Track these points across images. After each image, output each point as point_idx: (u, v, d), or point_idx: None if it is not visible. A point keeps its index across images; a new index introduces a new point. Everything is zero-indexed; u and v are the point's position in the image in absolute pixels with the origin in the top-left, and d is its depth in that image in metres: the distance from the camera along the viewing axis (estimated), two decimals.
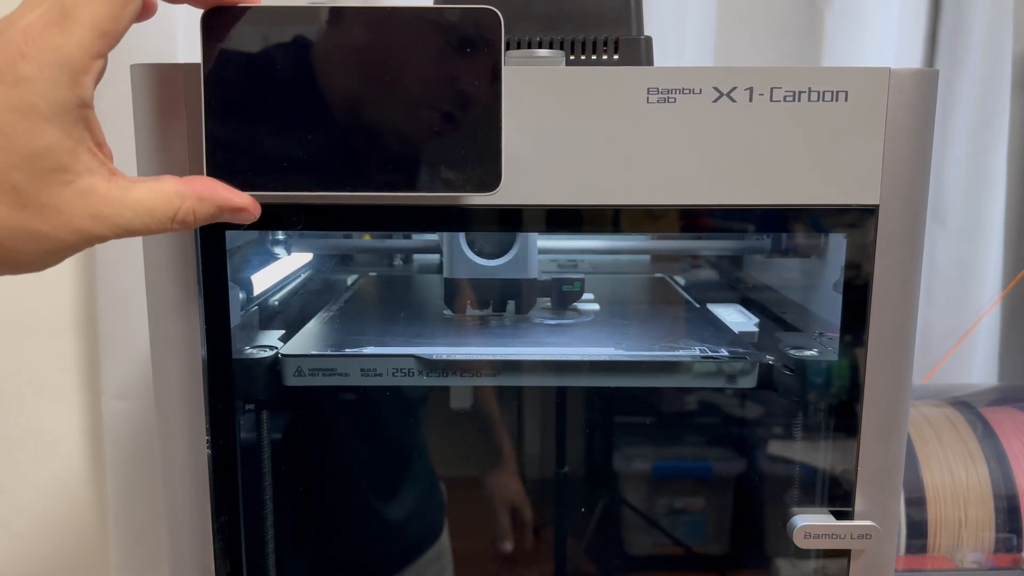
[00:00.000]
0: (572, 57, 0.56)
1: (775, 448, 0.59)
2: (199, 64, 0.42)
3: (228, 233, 0.48)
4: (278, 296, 0.68)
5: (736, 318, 0.65)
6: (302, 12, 0.42)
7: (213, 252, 0.48)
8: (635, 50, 0.56)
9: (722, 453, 0.63)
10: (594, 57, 0.56)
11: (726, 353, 0.55)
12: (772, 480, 0.59)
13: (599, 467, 0.67)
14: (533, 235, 0.60)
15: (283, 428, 0.59)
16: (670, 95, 0.47)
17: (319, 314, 0.66)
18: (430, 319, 0.65)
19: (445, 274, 0.62)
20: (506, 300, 0.62)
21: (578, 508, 0.67)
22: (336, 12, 0.42)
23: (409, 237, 0.75)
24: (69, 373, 0.94)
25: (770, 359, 0.57)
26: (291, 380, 0.55)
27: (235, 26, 0.41)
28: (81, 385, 0.94)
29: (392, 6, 0.42)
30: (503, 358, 0.55)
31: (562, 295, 0.63)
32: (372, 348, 0.56)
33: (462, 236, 0.59)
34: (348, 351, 0.55)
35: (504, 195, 0.44)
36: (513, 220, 0.49)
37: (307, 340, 0.59)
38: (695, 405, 0.63)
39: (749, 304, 0.71)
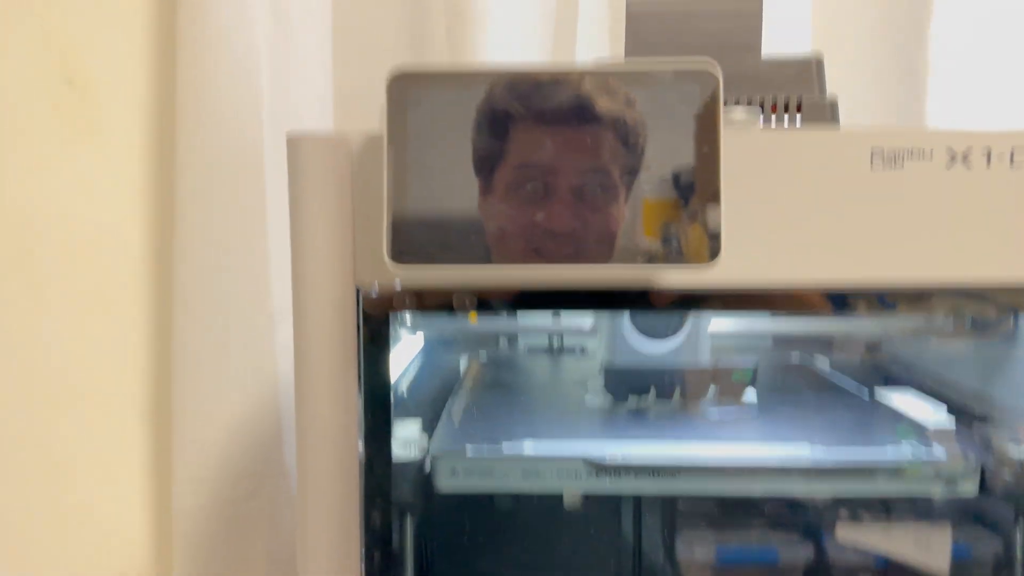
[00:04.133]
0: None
1: (992, 563, 0.51)
2: (379, 135, 0.38)
3: None
4: (405, 383, 0.62)
5: (920, 408, 0.58)
6: (502, 76, 0.37)
7: (378, 337, 0.43)
8: (821, 113, 0.51)
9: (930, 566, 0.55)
10: (774, 118, 0.51)
11: (940, 453, 0.48)
12: None
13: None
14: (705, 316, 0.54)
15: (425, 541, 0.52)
16: (897, 160, 0.41)
17: (449, 404, 0.60)
18: (575, 409, 0.59)
19: (606, 359, 0.55)
20: (671, 388, 0.55)
21: None
22: (537, 76, 0.37)
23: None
24: (134, 454, 0.86)
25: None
26: (444, 483, 0.48)
27: (428, 91, 0.37)
28: (147, 470, 0.87)
29: (599, 64, 0.38)
30: (698, 464, 0.47)
31: (731, 384, 0.56)
32: (533, 447, 0.50)
33: (626, 316, 0.54)
34: (507, 451, 0.49)
35: (714, 274, 0.39)
36: (715, 301, 0.43)
37: (452, 435, 0.53)
38: (892, 512, 0.55)
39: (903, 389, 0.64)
